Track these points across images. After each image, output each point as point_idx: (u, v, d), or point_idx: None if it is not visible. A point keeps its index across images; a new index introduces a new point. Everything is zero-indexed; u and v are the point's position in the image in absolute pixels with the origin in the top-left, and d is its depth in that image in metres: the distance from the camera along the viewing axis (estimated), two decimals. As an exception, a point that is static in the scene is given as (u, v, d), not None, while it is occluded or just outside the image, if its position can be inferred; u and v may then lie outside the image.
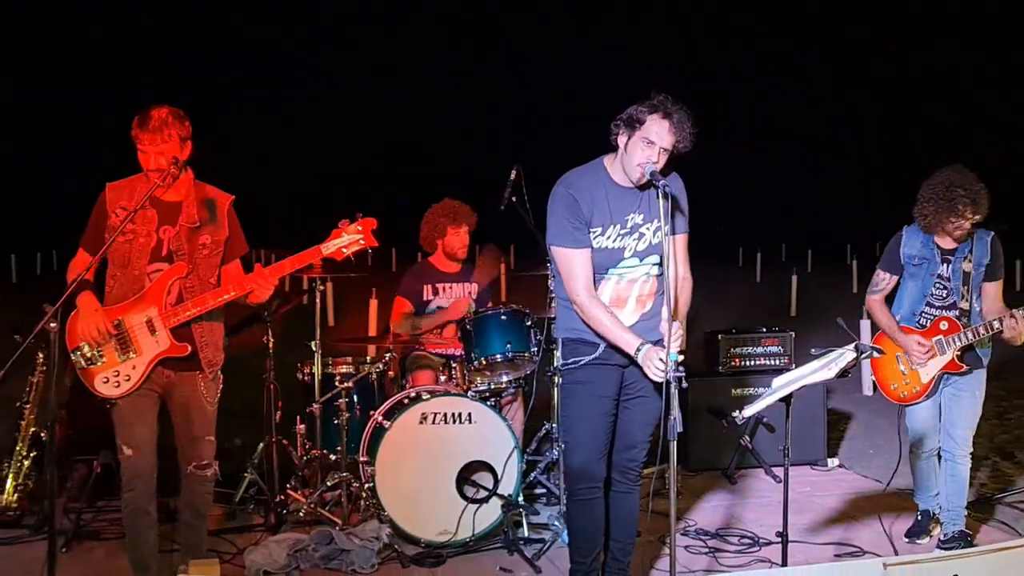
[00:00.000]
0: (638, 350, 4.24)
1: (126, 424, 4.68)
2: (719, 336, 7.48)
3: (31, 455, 6.21)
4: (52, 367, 4.10)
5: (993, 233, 5.42)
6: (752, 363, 7.48)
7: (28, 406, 6.35)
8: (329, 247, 4.64)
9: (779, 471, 5.44)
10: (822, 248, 33.22)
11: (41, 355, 6.30)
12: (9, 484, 6.10)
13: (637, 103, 4.37)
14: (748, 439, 7.05)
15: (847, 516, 6.23)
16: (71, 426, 6.45)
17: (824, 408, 7.57)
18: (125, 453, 4.68)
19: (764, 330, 7.60)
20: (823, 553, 5.61)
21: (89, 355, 4.60)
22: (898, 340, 5.46)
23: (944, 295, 5.37)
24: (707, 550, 5.68)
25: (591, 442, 4.54)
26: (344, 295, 17.87)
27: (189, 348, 4.62)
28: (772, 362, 7.46)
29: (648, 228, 4.47)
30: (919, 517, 5.78)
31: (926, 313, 5.44)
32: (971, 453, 5.52)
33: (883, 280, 5.57)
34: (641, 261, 4.49)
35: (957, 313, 5.33)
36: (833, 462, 7.49)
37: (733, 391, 7.32)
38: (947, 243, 5.37)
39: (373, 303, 12.97)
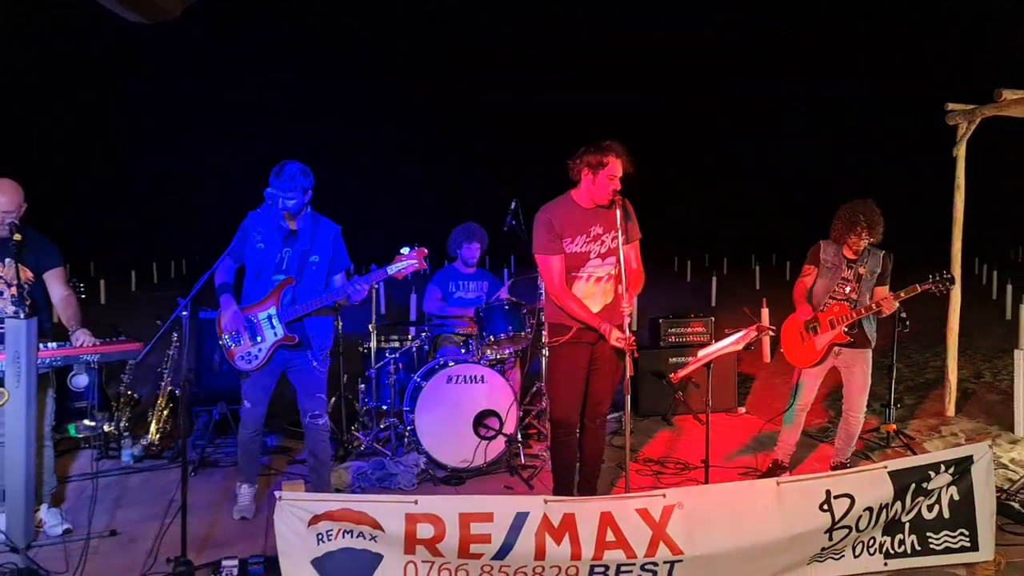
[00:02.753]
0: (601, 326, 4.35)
1: (251, 387, 4.77)
2: (660, 320, 7.50)
3: (168, 406, 6.25)
4: (183, 344, 4.14)
5: (884, 251, 5.38)
6: (684, 339, 7.49)
7: (166, 371, 6.39)
8: (392, 269, 4.61)
9: (703, 416, 5.48)
10: (733, 256, 33.07)
11: (176, 334, 6.35)
12: (153, 427, 6.13)
13: (593, 149, 4.42)
14: (681, 393, 7.09)
15: (751, 449, 6.28)
16: (196, 385, 6.49)
17: (735, 370, 7.60)
18: (246, 406, 4.79)
19: (693, 315, 7.63)
20: (735, 475, 5.65)
21: (231, 340, 4.70)
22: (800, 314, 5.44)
23: (844, 291, 5.34)
24: (651, 473, 5.72)
25: (568, 400, 4.60)
26: (390, 290, 17.90)
27: (297, 339, 4.65)
28: (698, 339, 7.48)
29: (607, 236, 4.50)
30: (771, 465, 5.66)
31: (826, 304, 5.37)
32: (863, 412, 5.45)
33: (809, 273, 5.48)
34: (603, 261, 4.52)
35: (852, 304, 5.28)
36: (742, 410, 7.53)
37: (670, 360, 7.33)
38: (849, 254, 5.35)
39: (413, 296, 12.98)
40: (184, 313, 4.07)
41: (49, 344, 4.28)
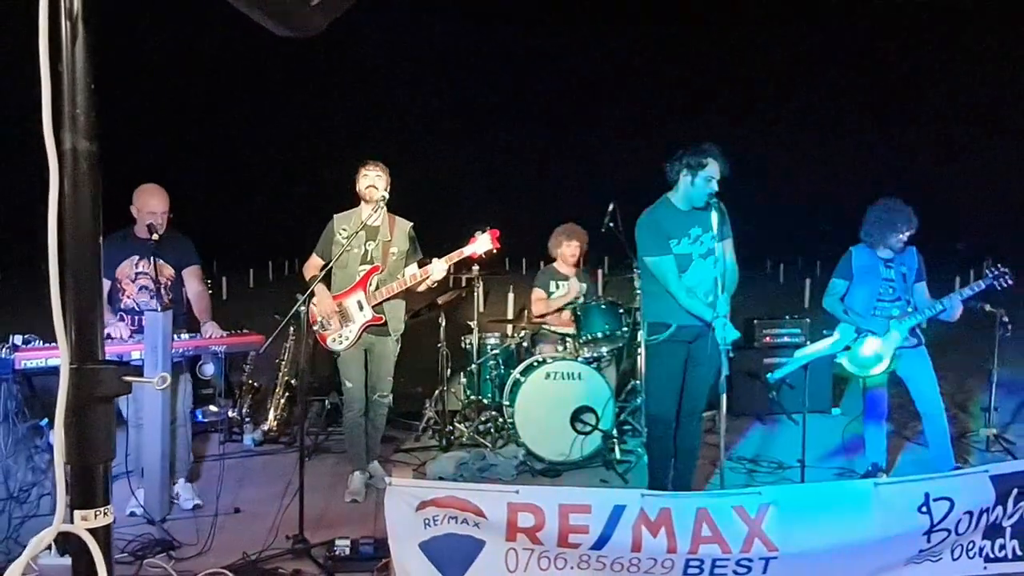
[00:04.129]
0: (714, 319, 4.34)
1: (346, 367, 5.09)
2: (755, 320, 7.37)
3: (285, 395, 6.48)
4: (302, 336, 4.31)
5: (915, 247, 5.16)
6: (778, 340, 7.33)
7: (283, 362, 6.62)
8: (468, 249, 4.95)
9: (799, 416, 5.35)
10: (827, 257, 31.92)
11: (292, 328, 6.57)
12: (271, 414, 6.37)
13: (691, 152, 4.43)
14: (776, 393, 6.93)
15: (846, 450, 6.08)
16: (311, 376, 6.69)
17: (831, 372, 7.37)
18: (347, 386, 5.09)
19: (787, 317, 7.46)
20: (830, 475, 5.50)
21: (323, 324, 5.00)
22: (862, 324, 5.12)
23: (891, 292, 5.12)
24: (745, 471, 5.62)
25: (665, 397, 4.59)
26: (490, 289, 18.03)
27: (383, 319, 4.99)
28: (793, 340, 7.31)
29: (706, 237, 4.47)
30: (870, 468, 5.33)
31: (878, 307, 5.14)
32: (943, 409, 5.18)
33: (839, 286, 5.23)
34: (704, 260, 4.49)
35: (903, 303, 5.08)
36: (836, 411, 7.31)
37: (764, 360, 7.19)
38: (886, 254, 5.15)
39: (511, 296, 13.10)
40: (303, 309, 4.21)
41: (183, 335, 4.51)
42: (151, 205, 4.67)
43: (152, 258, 4.68)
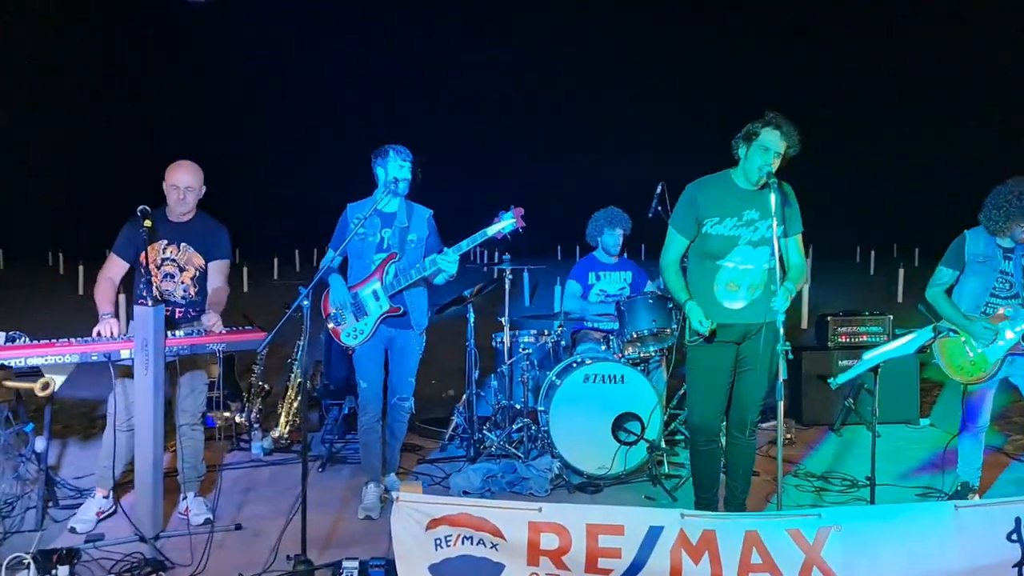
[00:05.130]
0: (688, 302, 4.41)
1: (362, 365, 5.15)
2: (828, 318, 7.24)
3: (298, 398, 6.54)
4: (305, 331, 4.35)
5: None
6: (856, 339, 7.19)
7: (296, 362, 6.68)
8: (492, 229, 4.96)
9: (880, 427, 5.22)
10: (926, 246, 31.22)
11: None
12: (282, 420, 6.44)
13: (753, 121, 4.36)
14: (852, 400, 6.80)
15: (934, 467, 5.90)
16: (327, 377, 6.75)
17: (918, 377, 7.22)
18: (361, 386, 5.15)
19: (866, 313, 7.31)
20: (910, 496, 5.36)
21: (337, 317, 5.09)
22: (965, 327, 4.95)
23: (1008, 287, 4.95)
24: (813, 489, 5.52)
25: (708, 405, 4.54)
26: (538, 281, 18.03)
27: (401, 309, 5.04)
28: (873, 339, 7.15)
29: (763, 224, 4.38)
30: (959, 488, 5.16)
31: (991, 303, 4.96)
32: None
33: (946, 275, 5.07)
34: (754, 250, 4.40)
35: (1020, 301, 4.90)
36: (924, 422, 7.14)
37: (840, 362, 7.05)
38: (1007, 243, 4.96)
39: (557, 288, 13.08)
40: (305, 303, 4.24)
41: (176, 333, 4.57)
42: (174, 177, 4.78)
43: (184, 244, 4.84)
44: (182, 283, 4.87)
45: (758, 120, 4.35)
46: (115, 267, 4.84)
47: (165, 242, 4.86)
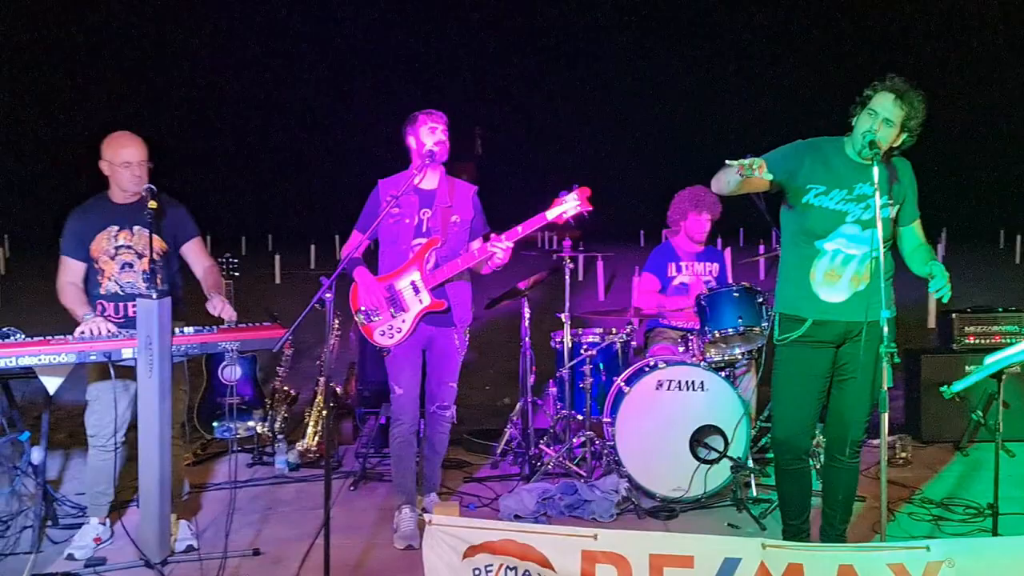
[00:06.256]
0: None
1: (397, 368, 5.16)
2: (953, 315, 7.07)
3: (330, 405, 6.62)
4: (328, 328, 4.39)
5: None
6: (987, 341, 7.00)
7: (326, 364, 6.78)
8: (552, 212, 4.93)
9: (1016, 444, 5.08)
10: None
11: (337, 321, 6.70)
12: (310, 430, 6.53)
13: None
14: (981, 413, 6.62)
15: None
16: (361, 382, 6.82)
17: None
18: (396, 392, 5.17)
19: (1000, 310, 7.11)
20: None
21: (368, 313, 5.11)
22: None
23: None
24: (929, 518, 5.39)
25: (796, 417, 4.48)
26: (616, 272, 18.01)
27: (445, 304, 5.05)
28: (1009, 340, 6.96)
29: (873, 201, 4.23)
30: None
31: None
32: None
33: None
34: (862, 231, 4.30)
35: None
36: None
37: (968, 367, 6.87)
38: None
39: (636, 280, 13.00)
40: (328, 295, 4.27)
41: (185, 329, 4.65)
42: (124, 154, 4.74)
43: (138, 227, 4.80)
44: (143, 272, 4.79)
45: (876, 81, 4.29)
46: (71, 270, 4.84)
47: (115, 228, 4.84)
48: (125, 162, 4.74)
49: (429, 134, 5.04)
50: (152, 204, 4.60)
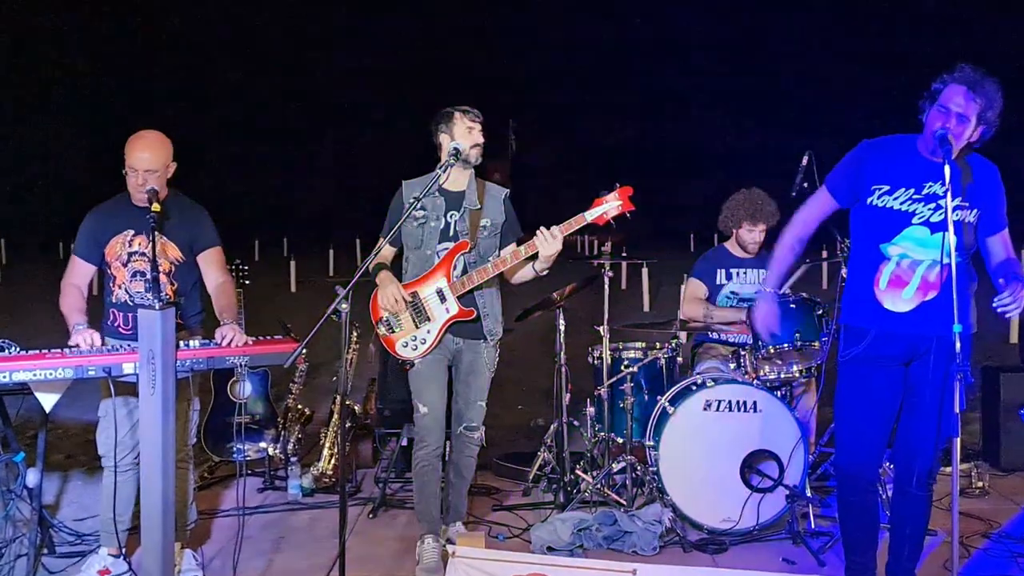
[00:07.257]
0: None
1: (421, 384, 5.18)
2: (1035, 329, 7.02)
3: (347, 425, 6.66)
4: (344, 342, 4.41)
5: None
6: (1073, 360, 6.95)
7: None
8: (592, 213, 4.95)
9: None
10: None
11: (355, 333, 6.75)
12: (326, 451, 6.57)
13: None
14: (1069, 439, 6.56)
15: None
16: (382, 400, 6.85)
17: None
18: (420, 411, 5.18)
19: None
20: None
21: (390, 323, 5.13)
22: None
23: None
24: (1010, 555, 5.33)
25: (861, 443, 4.46)
26: (662, 280, 17.95)
27: (475, 312, 5.08)
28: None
29: (946, 202, 4.20)
30: None
31: None
32: None
33: None
34: (931, 233, 4.27)
35: None
36: None
37: (1052, 389, 6.83)
38: None
39: (683, 287, 12.98)
40: (344, 305, 4.31)
41: (191, 343, 4.70)
42: (130, 157, 4.76)
43: (151, 233, 4.71)
44: (154, 282, 4.69)
45: (945, 73, 4.27)
46: (78, 272, 4.90)
47: (131, 232, 4.88)
48: (131, 168, 4.80)
49: (467, 134, 5.07)
50: (155, 207, 4.65)
